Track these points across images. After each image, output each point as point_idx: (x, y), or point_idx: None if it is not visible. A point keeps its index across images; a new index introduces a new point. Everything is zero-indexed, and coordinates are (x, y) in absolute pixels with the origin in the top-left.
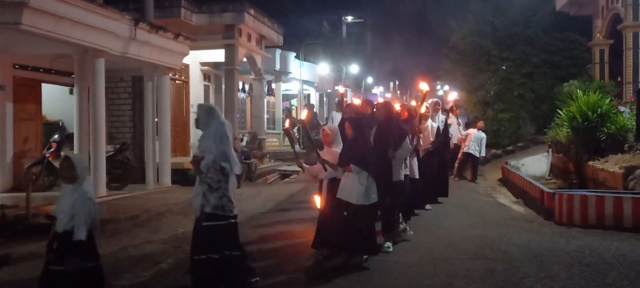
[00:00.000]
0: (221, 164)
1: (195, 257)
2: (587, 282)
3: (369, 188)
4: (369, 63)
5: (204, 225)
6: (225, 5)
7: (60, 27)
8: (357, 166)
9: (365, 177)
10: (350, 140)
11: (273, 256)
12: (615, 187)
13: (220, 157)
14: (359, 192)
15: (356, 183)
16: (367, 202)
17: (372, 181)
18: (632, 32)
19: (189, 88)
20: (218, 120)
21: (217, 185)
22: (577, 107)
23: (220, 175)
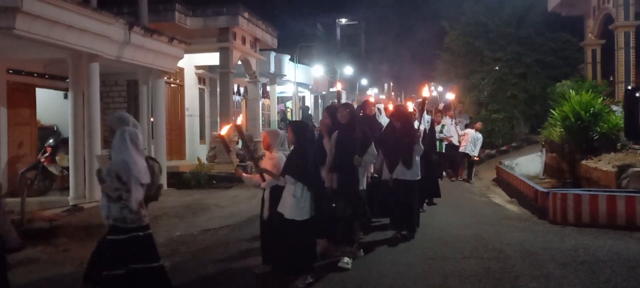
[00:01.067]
0: (117, 173)
1: (103, 273)
2: (581, 280)
3: (303, 202)
4: (363, 65)
5: (106, 238)
6: (220, 8)
7: (54, 31)
8: (291, 176)
9: (300, 189)
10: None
11: None
12: (608, 186)
13: (117, 166)
14: (291, 205)
15: (289, 196)
16: (299, 216)
17: (308, 194)
18: (623, 32)
19: (184, 91)
20: (124, 128)
21: (116, 195)
22: (570, 106)
23: (118, 183)
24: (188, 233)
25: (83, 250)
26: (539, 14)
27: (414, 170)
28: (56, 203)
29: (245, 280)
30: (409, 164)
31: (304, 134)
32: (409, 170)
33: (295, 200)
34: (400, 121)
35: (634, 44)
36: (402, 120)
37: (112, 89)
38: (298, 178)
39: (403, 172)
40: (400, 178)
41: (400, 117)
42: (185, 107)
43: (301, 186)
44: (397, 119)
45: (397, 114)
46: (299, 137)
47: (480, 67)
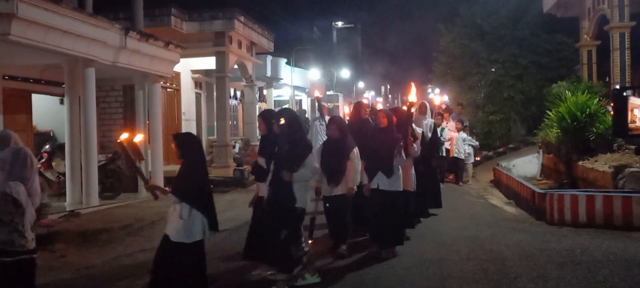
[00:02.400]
0: (12, 196)
1: None
2: (578, 281)
3: (190, 224)
4: (359, 68)
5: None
6: (216, 12)
7: (50, 37)
8: (175, 196)
9: (186, 210)
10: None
11: None
12: (605, 186)
13: (13, 188)
14: (177, 227)
15: (175, 216)
16: (188, 239)
17: (198, 215)
18: (618, 33)
19: (180, 96)
20: (19, 147)
21: (9, 219)
22: (566, 107)
23: (12, 207)
24: None
25: (80, 256)
26: (535, 15)
27: (394, 179)
28: (53, 209)
29: (243, 284)
30: (389, 172)
31: (191, 146)
32: (389, 179)
33: (182, 222)
34: (385, 121)
35: (629, 45)
36: (386, 120)
37: (108, 94)
38: (182, 198)
39: (383, 182)
40: (380, 189)
41: (385, 116)
42: (182, 111)
43: (188, 207)
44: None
45: (382, 113)
46: (185, 151)
47: (477, 69)
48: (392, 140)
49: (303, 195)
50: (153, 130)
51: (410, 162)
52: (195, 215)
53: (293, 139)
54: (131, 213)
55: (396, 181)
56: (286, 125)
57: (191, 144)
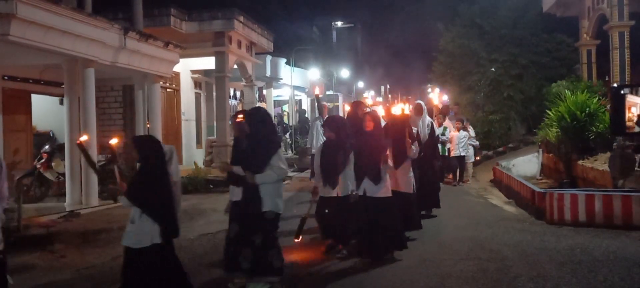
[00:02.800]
0: None
1: None
2: (578, 280)
3: (141, 228)
4: (359, 68)
5: None
6: (215, 12)
7: (49, 37)
8: (126, 198)
9: (137, 214)
10: None
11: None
12: (604, 186)
13: None
14: (126, 231)
15: (129, 223)
16: (134, 245)
17: (146, 220)
18: (617, 32)
19: (180, 96)
20: None
21: None
22: (565, 107)
23: None
24: (185, 238)
25: (80, 256)
26: (534, 15)
27: (382, 185)
28: (52, 209)
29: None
30: (376, 178)
31: (149, 151)
32: (376, 185)
33: (132, 226)
34: (371, 125)
35: (628, 44)
36: (373, 124)
37: (107, 94)
38: (132, 202)
39: (369, 188)
40: (367, 195)
41: (372, 120)
42: (182, 111)
43: (138, 212)
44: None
45: (369, 116)
46: (143, 155)
47: (476, 69)
48: (378, 145)
49: (273, 198)
50: (153, 130)
51: (409, 163)
52: (144, 221)
53: (256, 138)
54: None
55: (384, 187)
56: (246, 123)
57: (150, 148)
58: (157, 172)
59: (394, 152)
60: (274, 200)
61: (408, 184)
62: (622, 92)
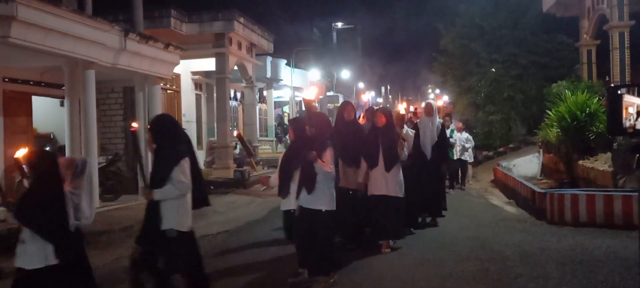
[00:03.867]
0: None
1: None
2: (579, 280)
3: (31, 248)
4: (359, 68)
5: None
6: (215, 14)
7: (50, 39)
8: (14, 215)
9: (28, 233)
10: None
11: (265, 262)
12: (605, 186)
13: None
14: (18, 251)
15: (19, 243)
16: (26, 265)
17: (35, 239)
18: (617, 32)
19: (180, 97)
20: None
21: None
22: (566, 107)
23: None
24: None
25: None
26: (534, 15)
27: (316, 195)
28: None
29: (244, 285)
30: (309, 187)
31: (41, 164)
32: (309, 195)
33: (21, 245)
34: (313, 126)
35: (628, 44)
36: (315, 125)
37: (108, 96)
38: (20, 220)
39: (303, 197)
40: (304, 206)
41: (310, 127)
42: (182, 113)
43: (28, 231)
44: (310, 123)
45: (310, 122)
46: (33, 168)
47: (477, 69)
48: (313, 150)
49: (175, 215)
50: None
51: (399, 167)
52: (33, 239)
53: (157, 150)
54: (131, 215)
55: (319, 198)
56: (149, 130)
57: (44, 164)
58: (48, 188)
59: (385, 155)
60: (176, 217)
61: (399, 188)
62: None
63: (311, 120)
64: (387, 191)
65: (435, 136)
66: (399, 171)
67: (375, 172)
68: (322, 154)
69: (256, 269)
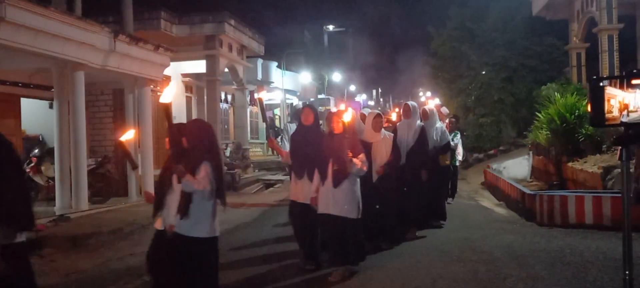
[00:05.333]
0: None
1: None
2: (568, 280)
3: None
4: (351, 71)
5: None
6: (206, 16)
7: (39, 40)
8: None
9: None
10: None
11: (257, 264)
12: (594, 187)
13: None
14: None
15: None
16: None
17: None
18: (606, 35)
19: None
20: None
21: None
22: (555, 109)
23: None
24: None
25: (69, 260)
26: (524, 18)
27: (191, 222)
28: (42, 213)
29: (235, 286)
30: (181, 210)
31: None
32: (181, 220)
33: None
34: (186, 136)
35: (617, 47)
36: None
37: (97, 98)
38: None
39: (177, 222)
40: (178, 233)
41: (186, 131)
42: (173, 115)
43: None
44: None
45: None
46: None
47: (467, 72)
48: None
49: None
50: (143, 134)
51: (352, 183)
52: None
53: None
54: (121, 217)
55: (194, 224)
56: None
57: None
58: None
59: (333, 167)
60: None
61: (350, 208)
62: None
63: (185, 130)
64: (335, 210)
65: (411, 140)
66: (353, 187)
67: (324, 187)
68: (196, 170)
69: (247, 271)
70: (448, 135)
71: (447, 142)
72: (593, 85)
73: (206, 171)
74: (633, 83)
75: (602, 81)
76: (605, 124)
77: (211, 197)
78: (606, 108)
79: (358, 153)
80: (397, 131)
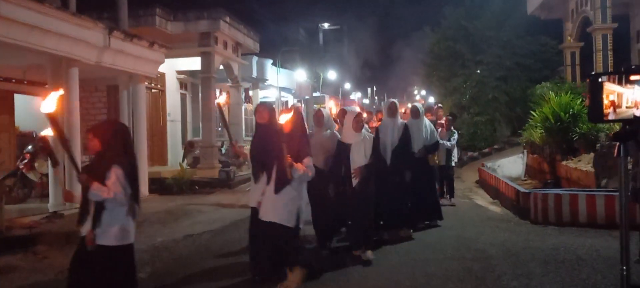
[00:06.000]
0: None
1: None
2: (562, 278)
3: None
4: (346, 69)
5: None
6: (201, 13)
7: (33, 36)
8: None
9: None
10: None
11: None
12: (588, 186)
13: None
14: None
15: None
16: None
17: None
18: (601, 34)
19: (165, 96)
20: None
21: None
22: (549, 108)
23: None
24: (170, 239)
25: (63, 257)
26: (519, 17)
27: (104, 229)
28: (35, 210)
29: (228, 285)
30: (93, 219)
31: None
32: (97, 229)
33: None
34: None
35: (611, 46)
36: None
37: (92, 95)
38: None
39: (96, 234)
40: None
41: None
42: (167, 112)
43: None
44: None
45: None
46: None
47: (462, 71)
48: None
49: None
50: (137, 131)
51: (295, 188)
52: None
53: None
54: None
55: (105, 232)
56: None
57: None
58: None
59: (275, 172)
60: None
61: (288, 215)
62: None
63: (97, 132)
64: (273, 216)
65: (396, 139)
66: (294, 194)
67: (267, 192)
68: (105, 175)
69: (241, 269)
70: (437, 134)
71: (436, 141)
72: (592, 81)
73: (116, 176)
74: (631, 79)
75: (601, 77)
76: (603, 119)
77: (125, 202)
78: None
79: (304, 155)
80: (379, 131)
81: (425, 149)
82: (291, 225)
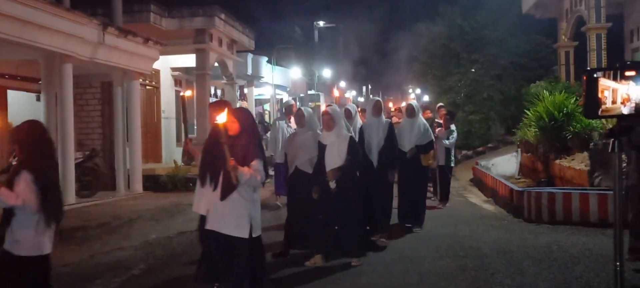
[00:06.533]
0: None
1: None
2: (555, 276)
3: None
4: (341, 67)
5: None
6: (196, 9)
7: (26, 31)
8: None
9: None
10: None
11: None
12: (581, 184)
13: None
14: None
15: None
16: None
17: None
18: (595, 34)
19: (159, 93)
20: None
21: None
22: (543, 107)
23: None
24: (164, 235)
25: (56, 254)
26: (514, 16)
27: (13, 237)
28: None
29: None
30: (1, 226)
31: None
32: (6, 237)
33: None
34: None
35: (605, 46)
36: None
37: (85, 91)
38: None
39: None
40: (3, 248)
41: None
42: (162, 109)
43: None
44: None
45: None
46: None
47: (457, 69)
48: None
49: None
50: (131, 128)
51: (243, 194)
52: None
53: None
54: (108, 211)
55: (15, 242)
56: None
57: None
58: None
59: (222, 177)
60: None
61: (240, 225)
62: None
63: (15, 134)
64: (222, 227)
65: (382, 139)
66: (243, 201)
67: (213, 199)
68: (15, 181)
69: None
70: (431, 134)
71: (430, 141)
72: (588, 77)
73: (26, 181)
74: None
75: (596, 72)
76: (598, 115)
77: (36, 210)
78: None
79: (252, 158)
80: (362, 132)
81: (416, 149)
82: (244, 236)
